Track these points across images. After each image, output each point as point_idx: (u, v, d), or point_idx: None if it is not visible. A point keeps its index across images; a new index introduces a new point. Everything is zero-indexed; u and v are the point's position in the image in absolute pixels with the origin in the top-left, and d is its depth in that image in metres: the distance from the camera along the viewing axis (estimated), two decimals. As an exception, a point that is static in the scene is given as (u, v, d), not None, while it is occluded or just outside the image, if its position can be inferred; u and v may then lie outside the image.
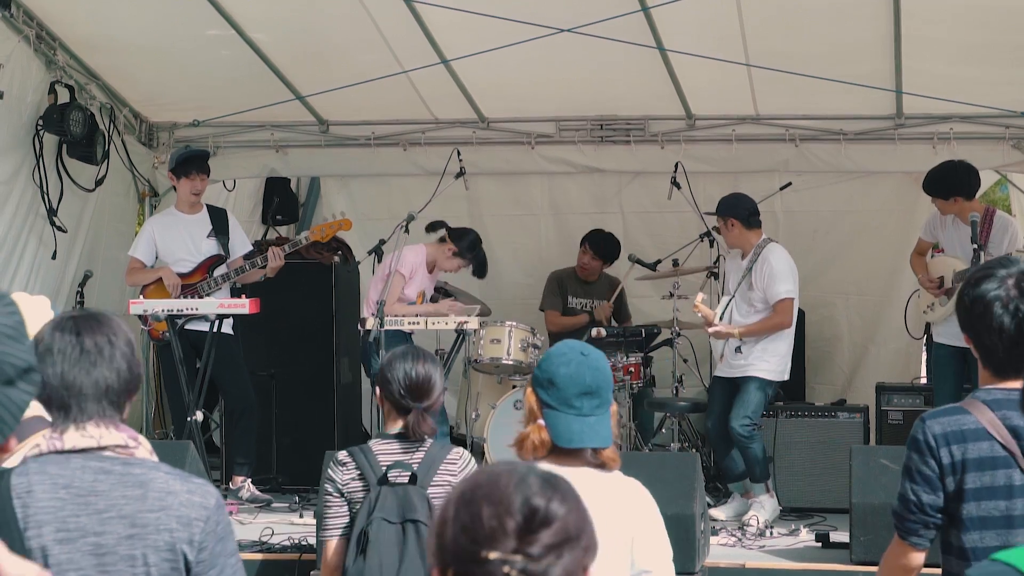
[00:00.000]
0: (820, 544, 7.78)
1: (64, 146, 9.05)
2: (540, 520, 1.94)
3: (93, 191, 9.43)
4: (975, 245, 7.76)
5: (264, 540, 7.55)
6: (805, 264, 9.17)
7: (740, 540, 7.93)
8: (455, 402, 9.64)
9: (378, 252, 8.90)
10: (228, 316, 8.49)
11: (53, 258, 9.00)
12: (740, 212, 8.46)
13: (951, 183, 8.43)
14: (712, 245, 9.35)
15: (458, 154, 9.33)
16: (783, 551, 7.70)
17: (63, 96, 8.96)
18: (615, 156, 10.17)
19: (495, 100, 9.88)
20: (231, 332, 8.74)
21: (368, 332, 8.34)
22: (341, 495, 4.72)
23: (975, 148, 9.48)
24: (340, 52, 9.12)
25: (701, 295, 8.49)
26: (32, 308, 3.71)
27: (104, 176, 9.46)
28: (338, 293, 9.90)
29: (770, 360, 8.39)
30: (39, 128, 8.80)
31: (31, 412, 3.54)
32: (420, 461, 4.67)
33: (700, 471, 7.36)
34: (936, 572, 3.67)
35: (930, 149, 9.54)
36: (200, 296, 8.67)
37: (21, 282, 8.62)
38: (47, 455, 2.89)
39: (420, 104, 9.85)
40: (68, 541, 2.81)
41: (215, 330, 8.39)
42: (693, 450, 9.10)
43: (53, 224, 8.97)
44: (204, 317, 8.36)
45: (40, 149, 8.84)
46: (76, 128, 8.92)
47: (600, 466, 3.45)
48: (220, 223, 8.96)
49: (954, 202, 8.41)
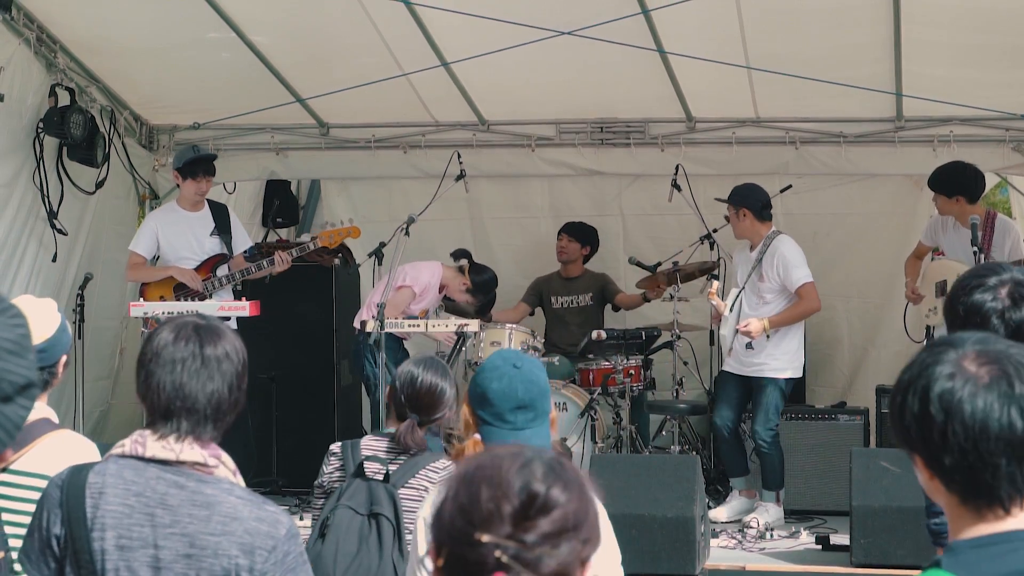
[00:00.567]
0: (820, 546, 7.79)
1: (64, 149, 9.06)
2: (539, 507, 1.90)
3: (93, 194, 9.43)
4: (975, 248, 7.77)
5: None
6: (805, 267, 9.18)
7: (740, 542, 7.93)
8: (454, 404, 9.63)
9: (378, 255, 8.90)
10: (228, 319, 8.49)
11: (53, 261, 8.99)
12: (753, 203, 8.48)
13: (957, 182, 8.44)
14: (713, 247, 9.36)
15: (458, 156, 9.35)
16: (783, 553, 7.70)
17: (63, 99, 8.96)
18: (615, 158, 10.17)
19: (495, 103, 9.88)
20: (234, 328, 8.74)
21: (365, 333, 8.34)
22: (323, 489, 4.70)
23: (975, 151, 9.47)
24: (340, 55, 9.13)
25: (716, 283, 8.48)
26: (38, 310, 3.71)
27: (104, 179, 9.47)
28: (338, 295, 9.90)
29: (782, 358, 8.42)
30: (39, 131, 8.80)
31: (37, 415, 3.54)
32: (401, 464, 4.60)
33: (700, 474, 7.37)
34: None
35: (930, 152, 9.54)
36: (204, 294, 8.67)
37: (21, 285, 8.61)
38: (128, 459, 2.88)
39: (420, 107, 9.86)
40: (128, 549, 2.79)
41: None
42: (693, 453, 9.10)
43: (53, 227, 8.97)
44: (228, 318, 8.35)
45: (40, 152, 8.85)
46: (76, 131, 8.92)
47: None
48: (222, 221, 8.97)
49: (956, 201, 8.42)
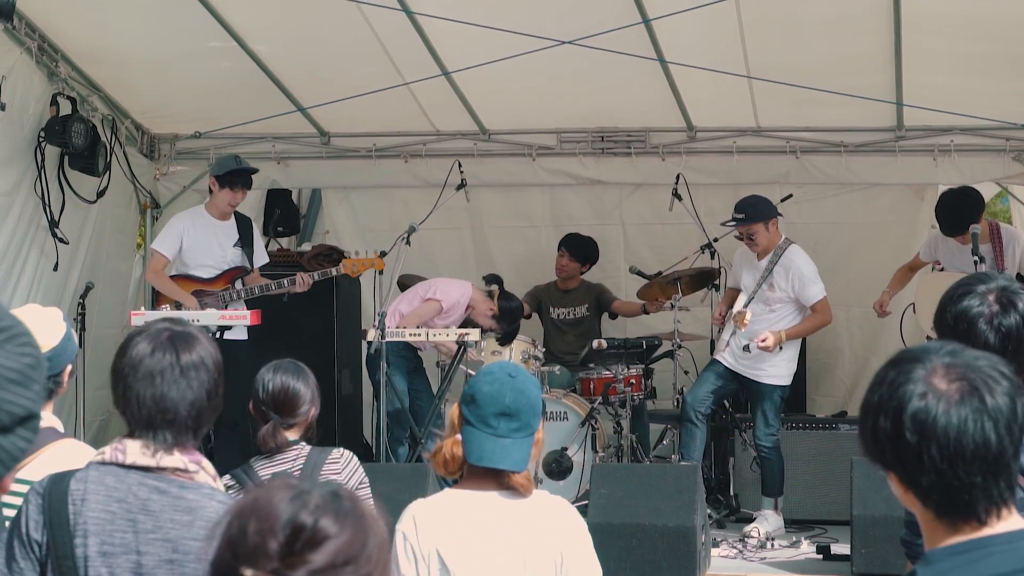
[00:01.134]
0: (821, 556, 7.79)
1: (66, 158, 9.06)
2: (305, 540, 1.79)
3: (95, 203, 9.43)
4: (976, 258, 7.77)
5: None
6: (806, 276, 9.18)
7: (741, 552, 7.93)
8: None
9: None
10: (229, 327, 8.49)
11: (55, 270, 8.99)
12: (774, 211, 8.51)
13: (967, 216, 8.35)
14: (713, 256, 9.36)
15: (459, 166, 9.36)
16: (784, 563, 7.70)
17: (65, 108, 8.96)
18: (616, 168, 10.18)
19: (496, 112, 9.89)
20: (245, 338, 8.76)
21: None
22: None
23: (976, 160, 9.49)
24: (341, 64, 9.14)
25: (749, 312, 8.32)
26: (44, 319, 3.71)
27: (106, 188, 9.47)
28: (339, 305, 9.91)
29: (779, 365, 8.44)
30: (41, 140, 8.81)
31: (43, 423, 3.54)
32: (302, 468, 4.63)
33: (701, 483, 7.37)
34: None
35: (931, 161, 9.55)
36: (224, 303, 8.68)
37: (23, 294, 8.62)
38: (108, 465, 2.88)
39: (421, 116, 9.86)
40: (110, 555, 2.80)
41: (219, 339, 8.42)
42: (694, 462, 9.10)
43: (55, 236, 8.97)
44: (231, 327, 8.36)
45: (42, 161, 8.85)
46: (78, 140, 8.93)
47: (510, 490, 3.41)
48: (247, 234, 8.99)
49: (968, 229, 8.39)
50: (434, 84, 9.12)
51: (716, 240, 9.30)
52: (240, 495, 1.83)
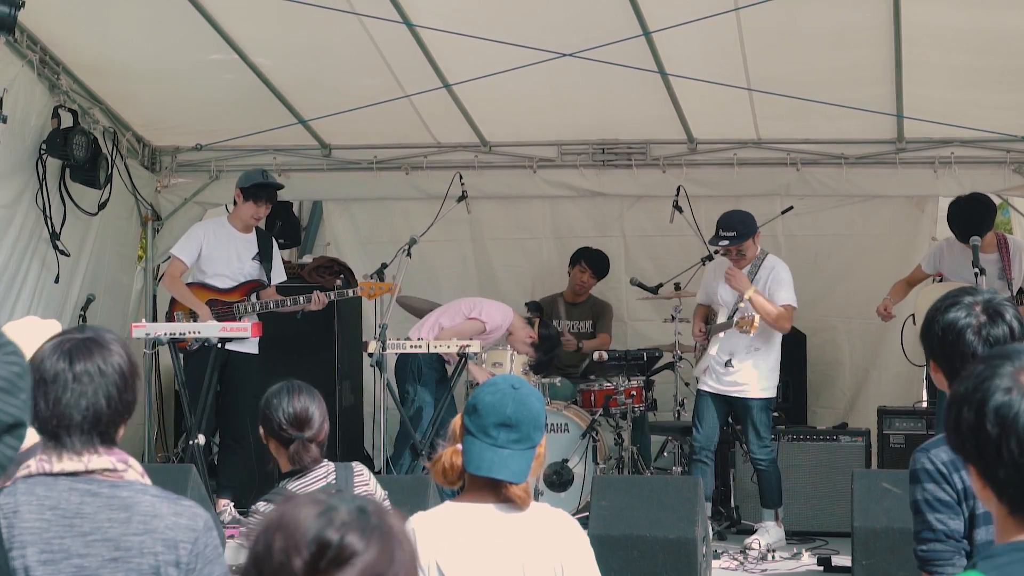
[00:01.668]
0: (822, 568, 7.79)
1: (67, 170, 9.07)
2: (331, 558, 1.77)
3: (96, 215, 9.43)
4: (976, 269, 7.78)
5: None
6: (807, 288, 9.19)
7: (742, 564, 7.93)
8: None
9: (380, 276, 8.92)
10: (231, 339, 8.49)
11: (56, 282, 9.00)
12: (755, 224, 8.50)
13: (980, 221, 8.37)
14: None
15: (460, 178, 9.36)
16: (785, 575, 7.69)
17: (66, 120, 8.97)
18: (617, 180, 10.19)
19: (497, 124, 9.91)
20: (255, 352, 8.77)
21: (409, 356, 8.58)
22: None
23: (976, 172, 9.50)
24: (342, 76, 9.15)
25: (758, 318, 8.32)
26: (43, 331, 3.71)
27: (107, 200, 9.47)
28: (340, 317, 9.90)
29: (763, 378, 8.42)
30: (42, 152, 8.82)
31: (31, 440, 3.55)
32: (335, 484, 4.65)
33: (702, 495, 7.37)
34: None
35: (931, 173, 9.57)
36: (237, 315, 8.69)
37: (24, 306, 8.62)
38: (36, 477, 2.89)
39: (422, 128, 9.88)
40: (51, 563, 2.80)
41: (217, 350, 8.42)
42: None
43: (56, 248, 8.98)
44: (236, 339, 8.38)
45: (43, 173, 8.86)
46: (79, 152, 8.94)
47: (508, 503, 3.40)
48: (266, 249, 9.03)
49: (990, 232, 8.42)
50: (435, 96, 9.14)
51: (717, 252, 9.30)
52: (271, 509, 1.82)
